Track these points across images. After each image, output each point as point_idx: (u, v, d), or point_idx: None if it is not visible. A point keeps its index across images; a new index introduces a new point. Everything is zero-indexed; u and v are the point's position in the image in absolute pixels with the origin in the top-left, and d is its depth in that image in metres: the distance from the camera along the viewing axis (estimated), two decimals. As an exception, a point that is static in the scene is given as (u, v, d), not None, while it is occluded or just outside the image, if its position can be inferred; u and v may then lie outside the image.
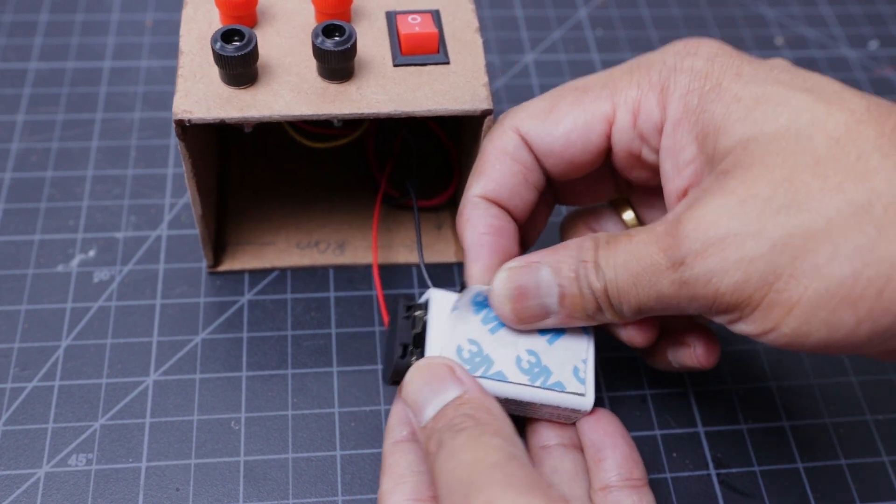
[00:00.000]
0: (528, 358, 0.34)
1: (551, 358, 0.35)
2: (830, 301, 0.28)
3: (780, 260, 0.28)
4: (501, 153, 0.36)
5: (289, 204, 0.46)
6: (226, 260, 0.44)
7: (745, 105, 0.31)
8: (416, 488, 0.33)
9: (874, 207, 0.27)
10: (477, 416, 0.30)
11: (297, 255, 0.44)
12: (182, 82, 0.36)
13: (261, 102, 0.36)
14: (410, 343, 0.34)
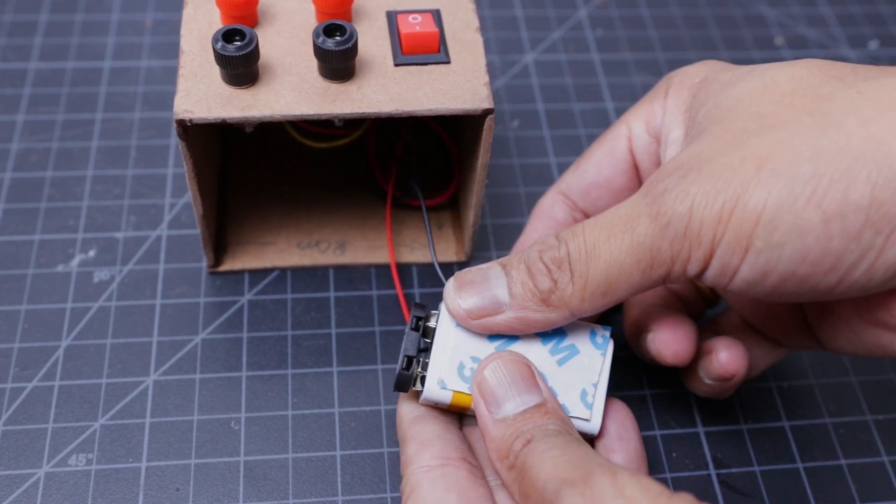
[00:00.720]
0: None
1: (559, 380, 0.34)
2: (795, 202, 0.28)
3: (748, 168, 0.28)
4: (538, 211, 0.40)
5: (289, 204, 0.46)
6: (226, 260, 0.44)
7: (721, 84, 0.33)
8: (444, 449, 0.33)
9: (833, 115, 0.28)
10: (563, 426, 0.31)
11: (297, 255, 0.44)
12: (183, 82, 0.36)
13: (262, 102, 0.36)
14: (415, 355, 0.34)
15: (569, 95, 0.53)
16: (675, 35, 0.57)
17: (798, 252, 0.28)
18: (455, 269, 0.44)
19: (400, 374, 0.34)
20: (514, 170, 0.49)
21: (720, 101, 0.32)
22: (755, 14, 0.59)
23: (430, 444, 0.33)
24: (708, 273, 0.30)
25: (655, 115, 0.36)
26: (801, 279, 0.29)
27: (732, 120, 0.30)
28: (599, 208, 0.38)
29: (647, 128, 0.37)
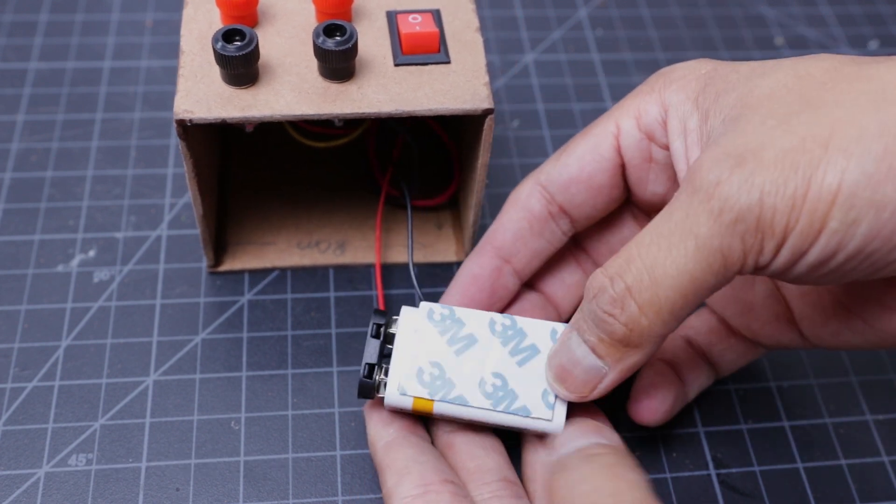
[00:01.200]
0: (492, 381, 0.35)
1: (520, 381, 0.34)
2: (871, 178, 0.27)
3: (813, 150, 0.27)
4: (514, 200, 0.38)
5: (289, 204, 0.46)
6: (226, 260, 0.44)
7: (742, 75, 0.31)
8: (423, 475, 0.33)
9: (886, 92, 0.28)
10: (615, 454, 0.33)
11: (297, 255, 0.44)
12: (183, 82, 0.36)
13: (262, 102, 0.36)
14: (376, 362, 0.35)
15: (569, 95, 0.53)
16: (675, 35, 0.57)
17: (873, 229, 0.27)
18: (454, 269, 0.44)
19: (362, 381, 0.35)
20: (514, 170, 0.49)
21: (750, 90, 0.30)
22: (755, 14, 0.59)
23: (407, 471, 0.33)
24: (774, 263, 0.29)
25: (648, 111, 0.35)
26: (866, 256, 0.28)
27: (774, 106, 0.29)
28: (576, 205, 0.37)
29: (637, 124, 0.35)
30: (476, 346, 0.35)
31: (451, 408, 0.34)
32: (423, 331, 0.35)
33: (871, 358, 0.43)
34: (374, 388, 0.35)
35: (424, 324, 0.35)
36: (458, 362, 0.35)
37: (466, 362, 0.35)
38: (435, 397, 0.34)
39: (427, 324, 0.35)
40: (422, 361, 0.35)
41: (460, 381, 0.35)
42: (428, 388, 0.34)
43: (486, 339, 0.35)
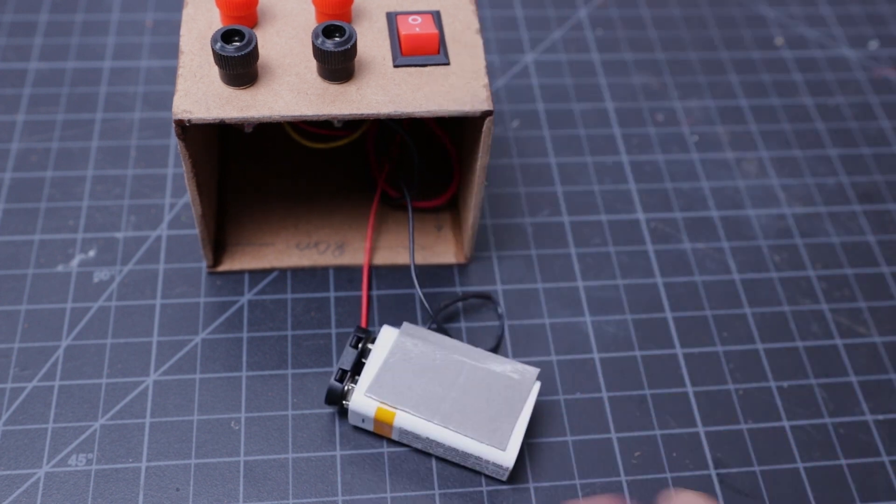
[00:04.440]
0: (456, 404, 0.37)
1: (482, 409, 0.37)
2: None
3: None
4: None
5: (288, 204, 0.46)
6: (225, 260, 0.44)
7: None
8: None
9: None
10: None
11: (296, 256, 0.44)
12: (182, 82, 0.36)
13: (261, 103, 0.36)
14: (349, 369, 0.38)
15: (569, 95, 0.53)
16: (675, 35, 0.57)
17: None
18: (455, 270, 0.45)
19: (331, 385, 0.37)
20: (514, 170, 0.49)
21: None
22: (755, 14, 0.59)
23: None
24: None
25: None
26: None
27: None
28: None
29: None
30: (446, 370, 0.37)
31: (412, 421, 0.36)
32: (398, 349, 0.38)
33: (872, 358, 0.43)
34: (342, 394, 0.37)
35: (401, 342, 0.38)
36: (425, 382, 0.37)
37: (434, 383, 0.37)
38: (399, 407, 0.36)
39: (403, 342, 0.38)
40: (391, 376, 0.37)
41: (425, 398, 0.37)
42: (393, 400, 0.37)
43: (457, 364, 0.38)
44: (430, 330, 0.39)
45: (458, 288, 0.43)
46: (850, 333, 0.44)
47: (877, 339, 0.44)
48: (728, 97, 0.53)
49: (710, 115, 0.52)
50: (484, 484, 0.38)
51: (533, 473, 0.38)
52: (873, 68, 0.56)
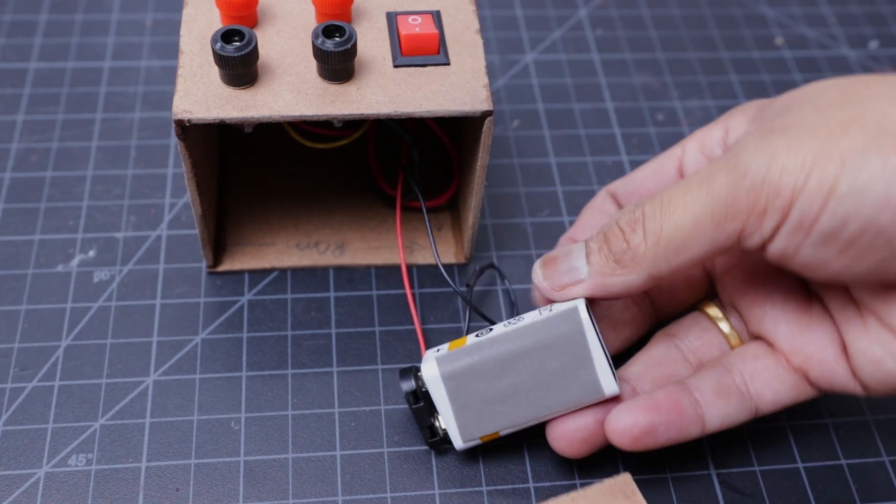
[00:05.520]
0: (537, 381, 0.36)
1: (562, 382, 0.35)
2: (882, 148, 0.28)
3: (834, 128, 0.29)
4: (589, 207, 0.41)
5: (288, 204, 0.46)
6: (225, 260, 0.44)
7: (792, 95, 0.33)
8: None
9: None
10: None
11: (296, 256, 0.44)
12: (182, 82, 0.36)
13: (260, 103, 0.36)
14: (433, 420, 0.37)
15: (569, 95, 0.53)
16: (675, 35, 0.57)
17: (881, 197, 0.28)
18: (455, 270, 0.45)
19: (431, 443, 0.37)
20: (513, 170, 0.49)
21: (795, 96, 0.32)
22: (755, 14, 0.59)
23: None
24: (783, 229, 0.30)
25: (711, 136, 0.37)
26: (879, 231, 0.29)
27: (813, 101, 0.31)
28: None
29: (700, 148, 0.38)
30: (504, 368, 0.35)
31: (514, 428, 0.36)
32: (451, 384, 0.35)
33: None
34: (442, 440, 0.37)
35: (447, 375, 0.35)
36: (497, 392, 0.35)
37: (505, 386, 0.35)
38: (496, 430, 0.36)
39: (449, 374, 0.35)
40: (467, 411, 0.36)
41: (510, 405, 0.35)
42: (486, 429, 0.36)
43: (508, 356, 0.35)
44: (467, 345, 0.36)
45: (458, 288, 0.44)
46: (850, 333, 0.44)
47: (877, 339, 0.44)
48: (728, 97, 0.53)
49: (710, 115, 0.52)
50: (484, 483, 0.38)
51: (533, 473, 0.38)
52: (873, 68, 0.56)
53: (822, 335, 0.35)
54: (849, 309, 0.34)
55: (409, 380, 0.36)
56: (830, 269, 0.31)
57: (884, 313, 0.33)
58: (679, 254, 0.31)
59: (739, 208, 0.30)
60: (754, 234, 0.30)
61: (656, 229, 0.32)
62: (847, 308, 0.34)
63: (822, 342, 0.35)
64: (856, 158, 0.28)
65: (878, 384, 0.33)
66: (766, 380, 0.36)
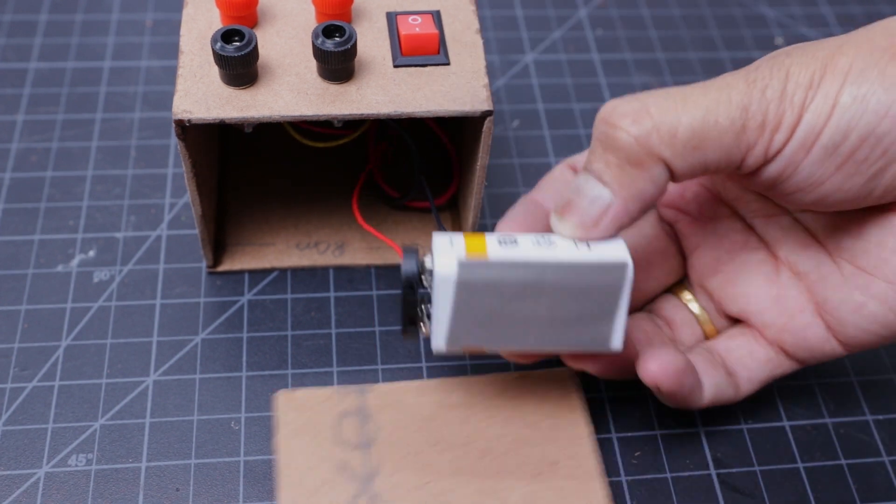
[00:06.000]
0: None
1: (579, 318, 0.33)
2: (879, 60, 0.30)
3: (832, 49, 0.31)
4: (548, 178, 0.38)
5: (288, 204, 0.46)
6: (225, 260, 0.44)
7: None
8: None
9: None
10: None
11: (296, 256, 0.44)
12: (182, 82, 0.36)
13: (260, 103, 0.36)
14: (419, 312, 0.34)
15: (569, 95, 0.53)
16: (675, 35, 0.57)
17: (882, 105, 0.30)
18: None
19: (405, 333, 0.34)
20: (513, 170, 0.49)
21: None
22: (755, 14, 0.59)
23: None
24: (789, 145, 0.31)
25: None
26: (877, 140, 0.30)
27: (804, 46, 0.32)
28: None
29: None
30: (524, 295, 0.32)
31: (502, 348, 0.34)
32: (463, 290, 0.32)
33: (872, 358, 0.43)
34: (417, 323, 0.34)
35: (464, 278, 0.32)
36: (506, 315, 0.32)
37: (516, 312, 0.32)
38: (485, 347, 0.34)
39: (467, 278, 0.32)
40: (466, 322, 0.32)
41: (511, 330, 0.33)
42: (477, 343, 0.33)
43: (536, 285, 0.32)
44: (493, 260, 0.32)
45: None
46: (850, 333, 0.44)
47: (877, 339, 0.44)
48: (728, 97, 0.53)
49: (710, 115, 0.52)
50: (484, 484, 0.38)
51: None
52: (873, 68, 0.56)
53: (795, 301, 0.36)
54: (822, 264, 0.35)
55: (411, 264, 0.33)
56: (821, 190, 0.32)
57: (858, 256, 0.34)
58: (696, 151, 0.30)
59: (756, 120, 0.30)
60: (758, 152, 0.31)
61: (671, 119, 0.30)
62: (821, 263, 0.35)
63: (796, 308, 0.36)
64: (856, 70, 0.30)
65: (862, 332, 0.34)
66: (739, 358, 0.37)
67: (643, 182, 0.31)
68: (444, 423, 0.37)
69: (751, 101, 0.30)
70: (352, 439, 0.36)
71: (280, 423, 0.37)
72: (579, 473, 0.36)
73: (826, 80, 0.30)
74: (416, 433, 0.37)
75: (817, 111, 0.30)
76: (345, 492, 0.35)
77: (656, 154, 0.30)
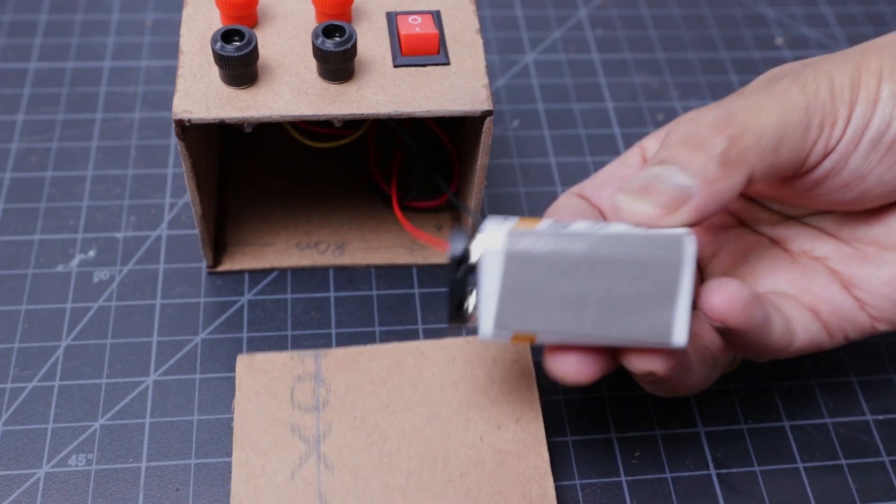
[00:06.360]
0: None
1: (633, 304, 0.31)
2: None
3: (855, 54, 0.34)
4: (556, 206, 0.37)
5: (288, 204, 0.46)
6: (225, 260, 0.44)
7: None
8: None
9: None
10: None
11: (296, 256, 0.44)
12: (182, 82, 0.36)
13: (260, 103, 0.36)
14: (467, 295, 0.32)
15: (569, 95, 0.53)
16: (675, 35, 0.57)
17: None
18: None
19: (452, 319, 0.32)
20: (513, 170, 0.49)
21: None
22: (755, 14, 0.59)
23: None
24: (844, 137, 0.33)
25: None
26: None
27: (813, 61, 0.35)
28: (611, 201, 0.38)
29: (660, 142, 0.37)
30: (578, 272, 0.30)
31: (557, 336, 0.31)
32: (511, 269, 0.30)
33: (871, 358, 0.43)
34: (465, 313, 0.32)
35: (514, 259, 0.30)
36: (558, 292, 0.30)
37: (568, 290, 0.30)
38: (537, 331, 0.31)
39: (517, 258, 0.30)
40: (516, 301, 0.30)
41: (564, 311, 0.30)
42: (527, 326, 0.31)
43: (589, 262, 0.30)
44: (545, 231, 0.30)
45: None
46: (850, 333, 0.44)
47: (877, 339, 0.44)
48: (728, 97, 0.53)
49: (710, 115, 0.52)
50: (484, 484, 0.38)
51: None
52: (873, 68, 0.56)
53: (819, 277, 0.36)
54: (841, 248, 0.37)
55: (461, 243, 0.31)
56: (864, 184, 0.34)
57: (882, 238, 0.36)
58: (774, 154, 0.32)
59: (815, 120, 0.32)
60: (819, 148, 0.33)
61: (755, 122, 0.32)
62: (839, 247, 0.37)
63: (823, 281, 0.36)
64: (887, 70, 0.33)
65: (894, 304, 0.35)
66: (793, 315, 0.36)
67: (728, 184, 0.31)
68: (396, 386, 0.38)
69: (809, 102, 0.32)
70: (305, 402, 0.37)
71: (239, 386, 0.37)
72: (523, 437, 0.37)
73: (863, 79, 0.33)
74: (368, 396, 0.38)
75: (864, 105, 0.33)
76: (296, 452, 0.36)
77: (745, 158, 0.31)
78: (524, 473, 0.36)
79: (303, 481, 0.35)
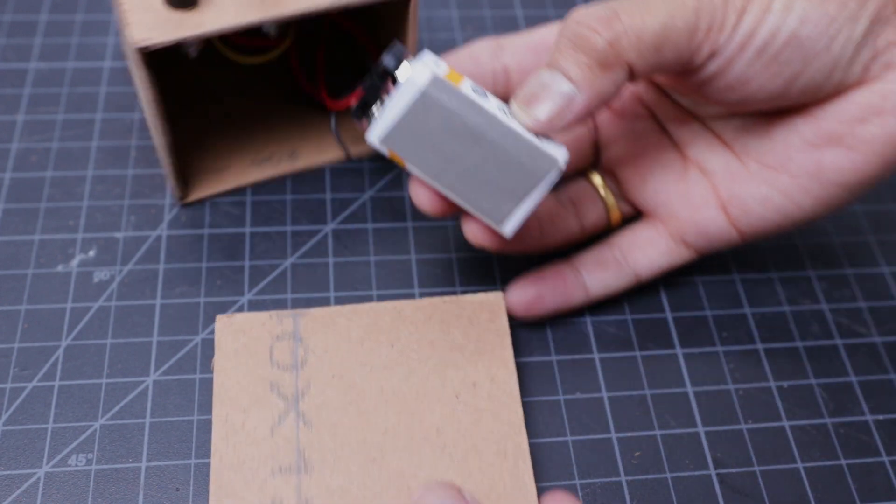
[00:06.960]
0: None
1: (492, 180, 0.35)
2: None
3: None
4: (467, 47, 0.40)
5: (234, 128, 0.48)
6: (192, 191, 0.45)
7: None
8: None
9: None
10: None
11: (255, 172, 0.47)
12: (130, 15, 0.38)
13: (210, 19, 0.38)
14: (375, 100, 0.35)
15: (569, 95, 0.53)
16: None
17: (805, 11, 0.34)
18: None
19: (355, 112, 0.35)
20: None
21: None
22: None
23: None
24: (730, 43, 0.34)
25: None
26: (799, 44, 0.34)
27: None
28: (523, 68, 0.39)
29: None
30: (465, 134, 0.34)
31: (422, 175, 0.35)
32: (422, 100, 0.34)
33: (872, 358, 0.43)
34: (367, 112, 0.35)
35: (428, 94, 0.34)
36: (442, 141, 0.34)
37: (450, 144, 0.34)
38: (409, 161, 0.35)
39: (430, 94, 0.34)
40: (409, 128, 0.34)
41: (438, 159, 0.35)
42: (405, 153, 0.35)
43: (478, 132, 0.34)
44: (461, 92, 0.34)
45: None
46: (850, 333, 0.44)
47: (877, 339, 0.44)
48: (728, 97, 0.53)
49: (710, 115, 0.52)
50: (484, 484, 0.38)
51: (533, 473, 0.38)
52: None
53: (700, 197, 0.40)
54: (730, 163, 0.40)
55: (397, 55, 0.34)
56: (747, 88, 0.35)
57: (764, 154, 0.38)
58: (656, 53, 0.33)
59: (704, 22, 0.34)
60: (704, 50, 0.34)
61: (638, 24, 0.33)
62: (728, 162, 0.40)
63: (701, 202, 0.40)
64: None
65: (763, 222, 0.39)
66: (640, 247, 0.42)
67: (608, 82, 0.33)
68: (373, 346, 0.39)
69: (701, 6, 0.34)
70: (284, 361, 0.38)
71: (218, 345, 0.38)
72: (498, 395, 0.38)
73: None
74: (345, 356, 0.38)
75: (754, 14, 0.34)
76: (274, 409, 0.37)
77: (624, 57, 0.33)
78: (499, 430, 0.37)
79: (282, 438, 0.36)
